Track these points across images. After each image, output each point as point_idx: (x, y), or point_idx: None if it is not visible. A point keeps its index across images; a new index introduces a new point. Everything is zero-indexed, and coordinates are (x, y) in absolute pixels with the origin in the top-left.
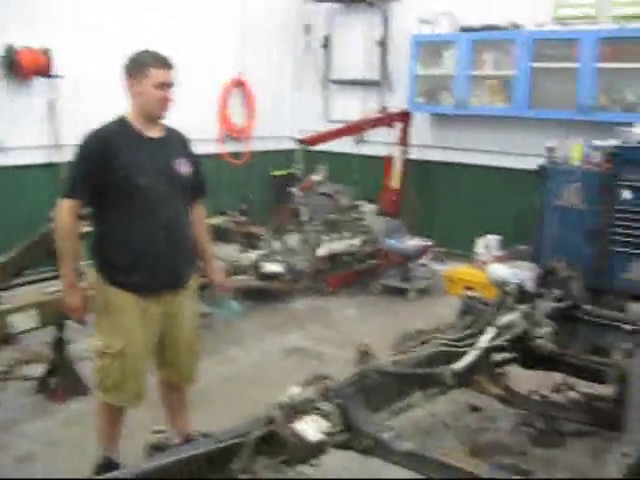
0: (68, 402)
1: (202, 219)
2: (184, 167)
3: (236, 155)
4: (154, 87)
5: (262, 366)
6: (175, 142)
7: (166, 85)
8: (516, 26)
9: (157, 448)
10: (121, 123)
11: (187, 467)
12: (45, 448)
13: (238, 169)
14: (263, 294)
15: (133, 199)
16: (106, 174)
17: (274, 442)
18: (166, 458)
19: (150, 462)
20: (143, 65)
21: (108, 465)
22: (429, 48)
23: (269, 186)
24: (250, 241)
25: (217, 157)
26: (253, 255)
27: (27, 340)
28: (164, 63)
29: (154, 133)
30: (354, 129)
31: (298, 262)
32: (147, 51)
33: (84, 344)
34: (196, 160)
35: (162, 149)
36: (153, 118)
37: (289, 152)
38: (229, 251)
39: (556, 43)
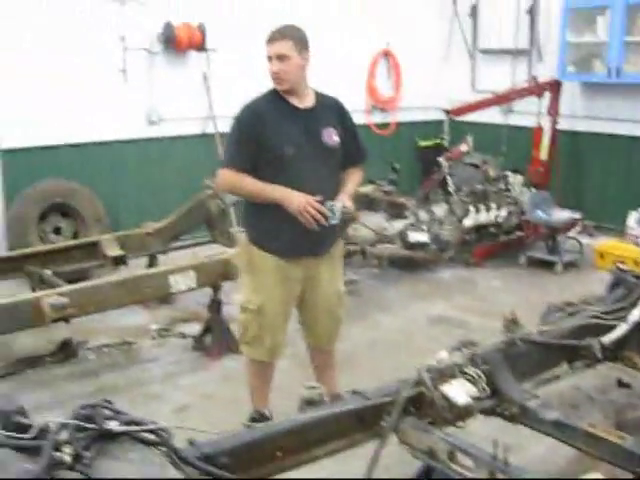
0: (222, 359)
1: (356, 174)
2: (332, 137)
3: (383, 126)
4: (268, 61)
5: (407, 333)
6: (327, 111)
7: (272, 58)
8: None
9: (310, 403)
10: (271, 95)
11: (337, 422)
12: (200, 401)
13: (385, 139)
14: (408, 263)
15: (280, 168)
16: (257, 144)
17: (422, 403)
18: (318, 412)
19: (303, 415)
20: (265, 42)
21: (260, 419)
22: (581, 14)
23: (415, 156)
24: (397, 210)
25: (364, 128)
26: (399, 224)
27: (183, 300)
28: (271, 37)
29: (303, 103)
30: (502, 99)
31: (444, 232)
32: (272, 29)
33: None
34: (350, 128)
35: (310, 119)
36: (283, 91)
37: (436, 123)
38: (376, 220)
39: None
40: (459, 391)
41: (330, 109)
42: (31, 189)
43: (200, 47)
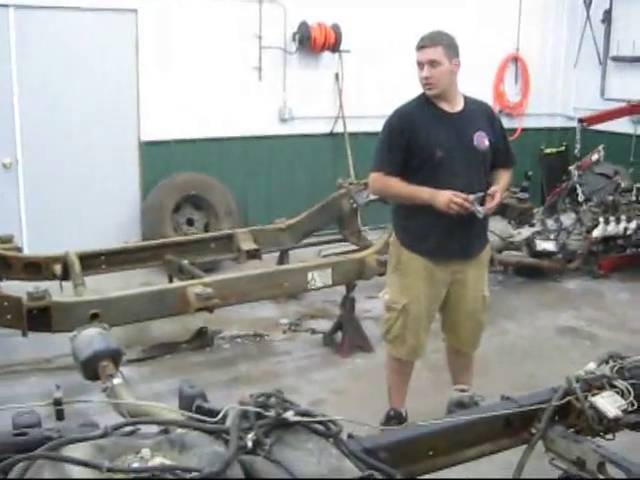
0: (353, 357)
1: (506, 175)
2: (483, 140)
3: (508, 131)
4: (418, 67)
5: (535, 341)
6: (478, 116)
7: (420, 64)
8: None
9: (459, 405)
10: (421, 100)
11: (487, 426)
12: (334, 396)
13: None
14: (534, 271)
15: (430, 171)
16: (407, 148)
17: (570, 413)
18: (469, 415)
19: (454, 417)
20: (416, 48)
21: (396, 417)
22: None
23: (539, 163)
24: (524, 218)
25: None
26: (526, 232)
27: (310, 297)
28: (423, 42)
29: (452, 108)
30: (636, 108)
31: (571, 242)
32: (422, 35)
33: (366, 305)
34: (500, 132)
35: (460, 123)
36: (433, 96)
37: (561, 130)
38: (502, 226)
39: None
40: (609, 403)
41: (481, 113)
42: (167, 180)
43: (334, 48)
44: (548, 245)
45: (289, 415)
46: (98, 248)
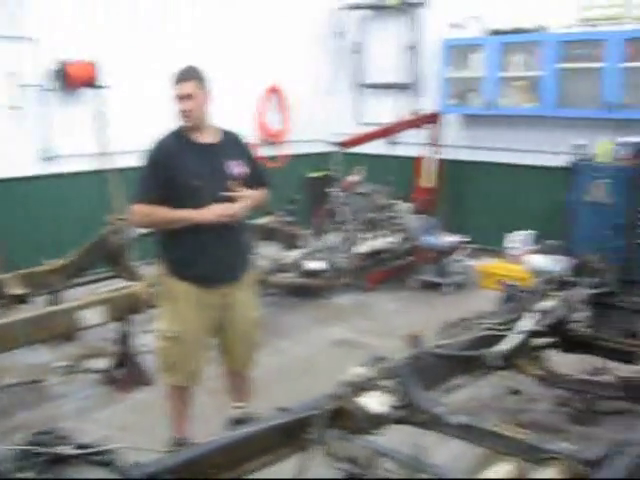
0: (134, 392)
1: (260, 191)
2: (238, 168)
3: (273, 159)
4: (176, 101)
5: (311, 357)
6: (231, 145)
7: (180, 97)
8: (543, 28)
9: (238, 422)
10: (177, 133)
11: (265, 438)
12: (118, 432)
13: (275, 172)
14: (306, 290)
15: (189, 201)
16: (166, 179)
17: (342, 416)
18: (247, 429)
19: (233, 432)
20: (172, 83)
21: (180, 444)
22: (459, 51)
23: (305, 187)
24: (292, 240)
25: None
26: (295, 253)
27: (85, 336)
28: (179, 77)
29: (206, 139)
30: (388, 131)
31: (339, 260)
32: (178, 69)
33: (143, 339)
34: (252, 159)
35: (214, 153)
36: (188, 128)
37: (324, 155)
38: (272, 250)
39: (582, 44)
40: (376, 402)
41: (233, 142)
42: None
43: (93, 84)
44: (317, 265)
45: (65, 449)
46: None
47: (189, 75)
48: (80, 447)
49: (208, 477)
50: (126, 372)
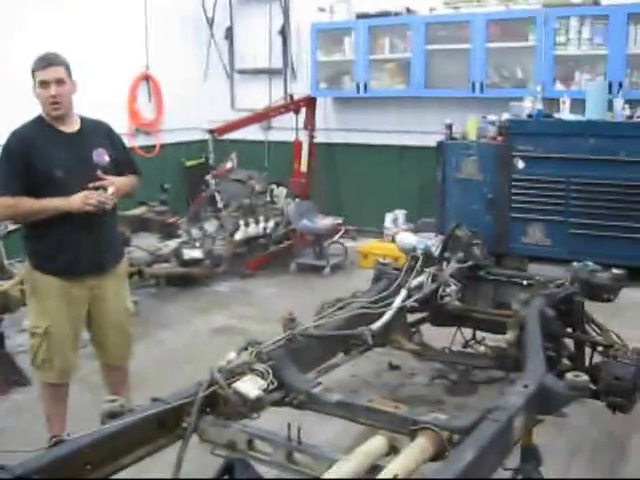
0: (10, 393)
1: (130, 178)
2: (103, 157)
3: (148, 148)
4: (39, 87)
5: (192, 346)
6: (96, 134)
7: (47, 83)
8: (410, 11)
9: (111, 415)
10: (38, 122)
11: (140, 429)
12: None
13: (151, 161)
14: (186, 280)
15: (53, 191)
16: (28, 169)
17: (218, 402)
18: (121, 422)
19: (106, 426)
20: (32, 70)
21: (57, 444)
22: (328, 35)
23: (182, 176)
24: (169, 230)
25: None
26: (173, 243)
27: None
28: (47, 61)
29: (69, 128)
30: (261, 116)
31: (217, 247)
32: (40, 55)
33: (19, 339)
34: (120, 146)
35: (80, 142)
36: (53, 117)
37: (200, 142)
38: (150, 241)
39: (448, 26)
40: (250, 386)
41: (98, 131)
42: None
43: None
44: (195, 253)
45: None
46: None
47: (59, 60)
48: None
49: (81, 474)
50: (2, 373)
